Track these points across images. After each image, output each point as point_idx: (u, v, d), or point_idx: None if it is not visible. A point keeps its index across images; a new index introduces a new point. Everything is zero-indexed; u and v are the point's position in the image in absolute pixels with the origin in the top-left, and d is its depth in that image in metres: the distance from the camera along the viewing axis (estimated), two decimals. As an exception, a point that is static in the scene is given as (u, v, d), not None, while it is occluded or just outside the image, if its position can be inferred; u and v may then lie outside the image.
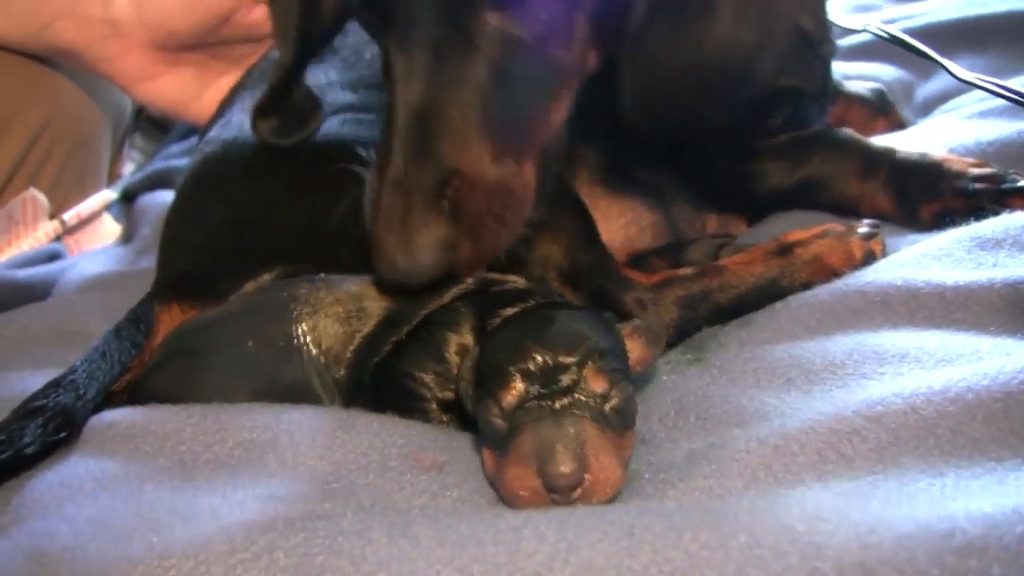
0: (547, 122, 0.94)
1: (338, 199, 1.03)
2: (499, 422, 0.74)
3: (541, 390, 0.74)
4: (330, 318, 0.91)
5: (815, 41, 1.22)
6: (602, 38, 0.94)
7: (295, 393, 0.90)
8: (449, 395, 0.87)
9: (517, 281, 0.90)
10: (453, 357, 0.87)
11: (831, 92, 1.35)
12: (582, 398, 0.74)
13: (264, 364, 0.91)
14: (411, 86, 0.89)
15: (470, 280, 0.89)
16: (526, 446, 0.72)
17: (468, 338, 0.87)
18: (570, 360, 0.74)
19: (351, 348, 0.91)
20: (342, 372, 0.90)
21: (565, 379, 0.74)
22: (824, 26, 1.27)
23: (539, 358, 0.74)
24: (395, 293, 0.91)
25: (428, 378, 0.88)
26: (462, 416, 0.86)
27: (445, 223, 0.86)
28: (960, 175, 1.12)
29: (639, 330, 0.84)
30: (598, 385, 0.74)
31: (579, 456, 0.71)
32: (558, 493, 0.71)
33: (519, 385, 0.74)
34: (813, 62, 1.25)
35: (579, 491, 0.71)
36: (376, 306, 0.91)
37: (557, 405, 0.73)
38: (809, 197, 1.21)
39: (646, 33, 0.93)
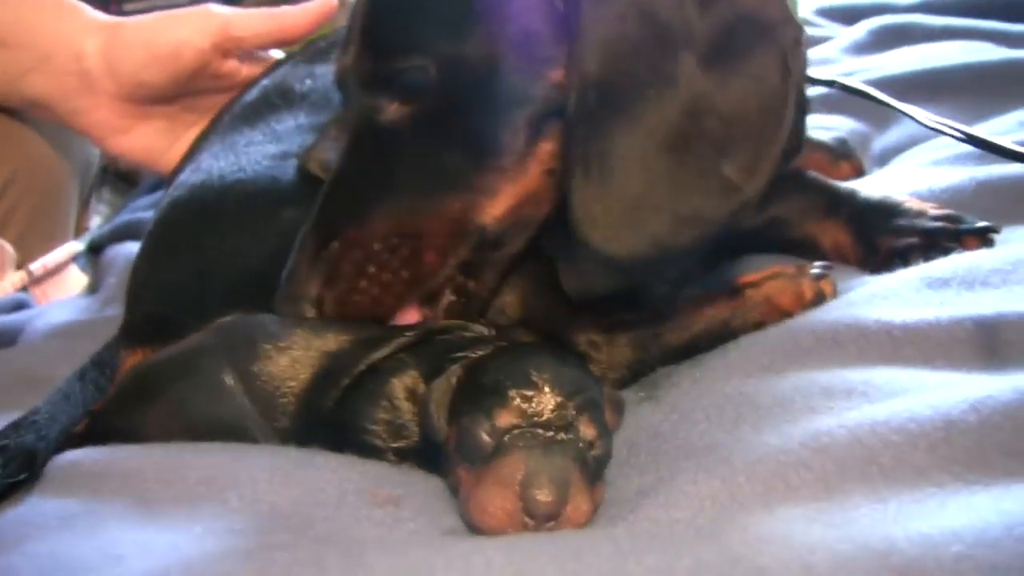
0: (469, 213, 0.96)
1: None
2: (486, 438, 0.76)
3: (537, 420, 0.76)
4: (259, 370, 0.92)
5: (802, 107, 1.23)
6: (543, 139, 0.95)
7: (236, 438, 0.91)
8: (402, 443, 0.88)
9: (465, 327, 0.92)
10: (404, 403, 0.88)
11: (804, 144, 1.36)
12: (573, 439, 0.76)
13: (200, 413, 0.92)
14: (338, 159, 0.99)
15: (411, 332, 0.91)
16: (512, 467, 0.74)
17: (419, 384, 0.88)
18: (571, 402, 0.77)
19: (289, 400, 0.91)
20: (285, 423, 0.91)
21: (563, 417, 0.76)
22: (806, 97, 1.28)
23: (546, 391, 0.77)
24: (330, 342, 0.93)
25: (379, 428, 0.88)
26: (419, 460, 0.87)
27: (316, 279, 0.96)
28: (920, 214, 1.15)
29: (610, 398, 0.87)
30: (589, 433, 0.77)
31: (562, 490, 0.73)
32: (534, 519, 0.72)
33: (518, 408, 0.76)
34: (799, 124, 1.23)
35: (552, 523, 0.73)
36: (309, 357, 0.92)
37: (550, 438, 0.75)
38: (774, 236, 1.23)
39: (590, 127, 0.91)
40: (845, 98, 1.57)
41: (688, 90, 0.90)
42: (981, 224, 1.11)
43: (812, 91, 1.76)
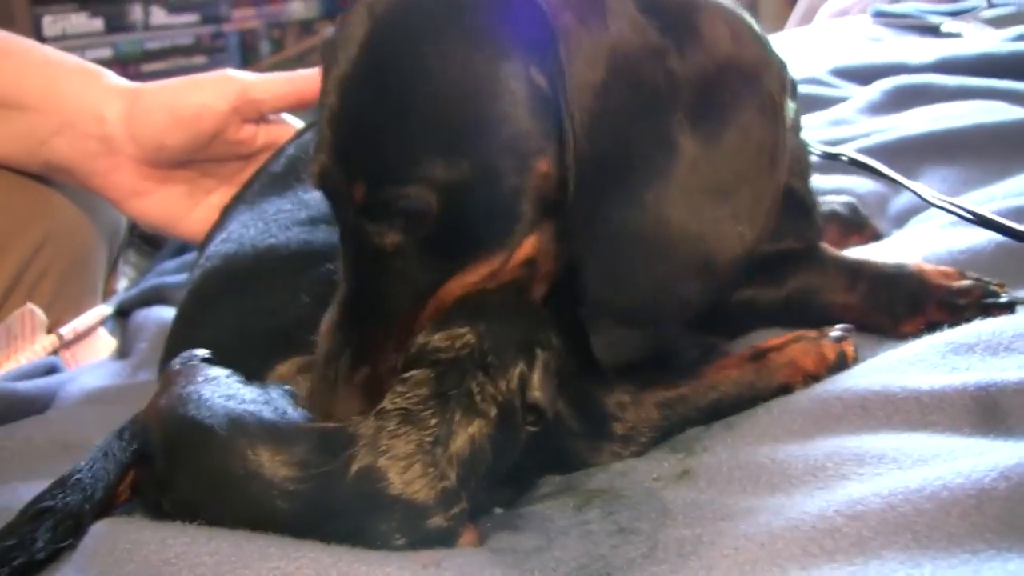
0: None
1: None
2: None
3: None
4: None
5: (808, 205, 1.24)
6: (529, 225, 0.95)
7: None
8: (457, 509, 0.87)
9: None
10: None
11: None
12: None
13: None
14: (343, 273, 0.99)
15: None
16: None
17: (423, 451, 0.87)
18: None
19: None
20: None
21: None
22: (812, 191, 1.28)
23: None
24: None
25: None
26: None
27: (354, 403, 0.94)
28: (941, 288, 1.14)
29: None
30: None
31: None
32: None
33: None
34: (804, 223, 1.25)
35: None
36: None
37: None
38: (793, 315, 1.22)
39: (591, 209, 0.92)
40: (862, 158, 1.59)
41: (685, 151, 0.91)
42: (1006, 299, 1.11)
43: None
